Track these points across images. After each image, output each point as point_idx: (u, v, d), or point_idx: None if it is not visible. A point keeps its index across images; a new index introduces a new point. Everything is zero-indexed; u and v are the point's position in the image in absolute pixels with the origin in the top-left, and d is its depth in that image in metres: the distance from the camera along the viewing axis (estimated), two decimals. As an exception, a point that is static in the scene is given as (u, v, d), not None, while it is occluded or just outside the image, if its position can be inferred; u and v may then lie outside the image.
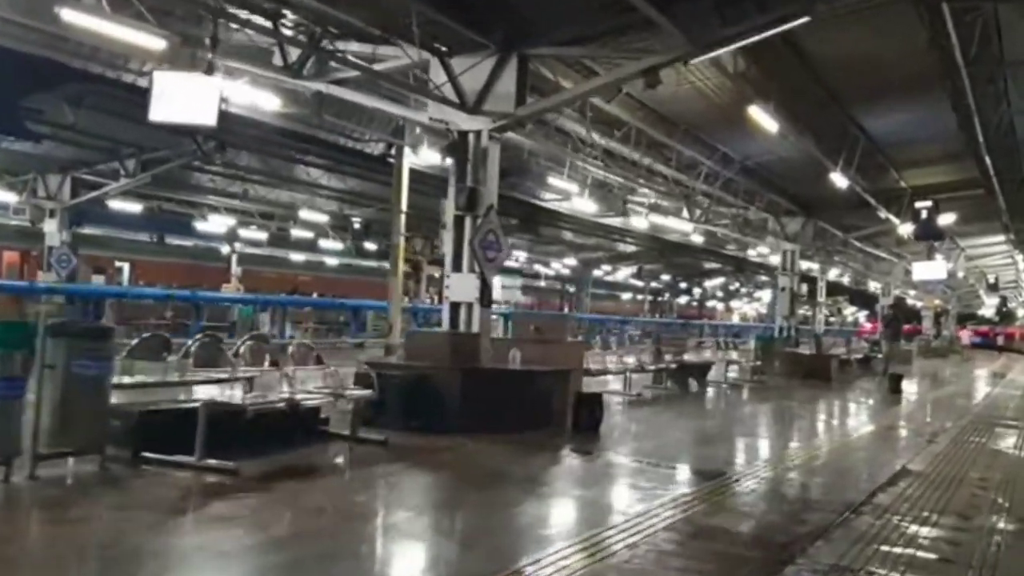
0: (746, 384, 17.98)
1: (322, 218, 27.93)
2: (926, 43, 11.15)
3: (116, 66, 13.15)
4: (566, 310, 58.27)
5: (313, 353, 8.10)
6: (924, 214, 17.54)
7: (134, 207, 26.71)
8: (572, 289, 66.84)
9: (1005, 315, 71.81)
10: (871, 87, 13.20)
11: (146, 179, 21.67)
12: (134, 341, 8.47)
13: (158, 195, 26.16)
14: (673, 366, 15.35)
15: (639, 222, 24.72)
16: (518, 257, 43.82)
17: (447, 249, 10.13)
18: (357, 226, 27.10)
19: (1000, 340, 56.44)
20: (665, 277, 56.91)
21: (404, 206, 16.93)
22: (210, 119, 9.38)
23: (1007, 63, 11.20)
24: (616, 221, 25.77)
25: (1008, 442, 11.42)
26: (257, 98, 12.55)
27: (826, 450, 9.77)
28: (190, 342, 8.62)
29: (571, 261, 43.75)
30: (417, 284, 36.06)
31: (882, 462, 9.07)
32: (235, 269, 27.55)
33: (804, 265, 37.81)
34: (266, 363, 8.15)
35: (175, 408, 6.68)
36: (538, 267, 50.24)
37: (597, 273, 53.19)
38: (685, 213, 22.97)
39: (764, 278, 62.35)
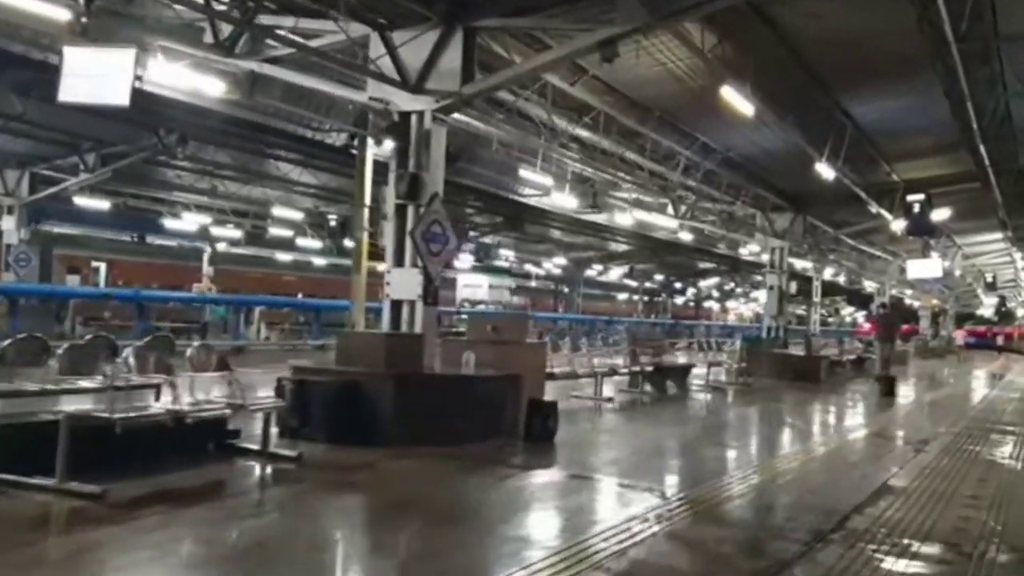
0: (730, 387, 17.11)
1: (297, 215, 27.01)
2: (914, 20, 10.26)
3: (58, 51, 12.26)
4: (560, 310, 57.53)
5: (214, 357, 7.15)
6: (916, 208, 16.63)
7: (101, 204, 25.82)
8: (568, 290, 66.25)
9: (1004, 315, 70.93)
10: (856, 69, 12.31)
11: (106, 174, 20.77)
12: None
13: (123, 191, 25.27)
14: (649, 369, 14.43)
15: (623, 218, 23.84)
16: (508, 257, 43.01)
17: (388, 242, 9.23)
18: (333, 223, 26.15)
19: (1000, 340, 55.49)
20: (659, 277, 55.93)
21: (368, 199, 16.02)
22: (122, 98, 8.46)
23: (1001, 37, 10.30)
24: (600, 218, 24.88)
25: (1004, 451, 10.52)
26: (200, 83, 11.66)
27: (802, 462, 8.86)
28: (136, 344, 7.82)
29: (561, 260, 42.81)
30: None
31: (863, 476, 8.17)
32: (206, 268, 26.59)
33: (799, 264, 37.00)
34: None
35: (37, 422, 5.76)
36: (529, 267, 49.36)
37: (591, 273, 52.36)
38: (670, 209, 22.08)
39: (759, 278, 61.65)
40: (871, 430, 12.10)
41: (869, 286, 37.53)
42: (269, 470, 6.80)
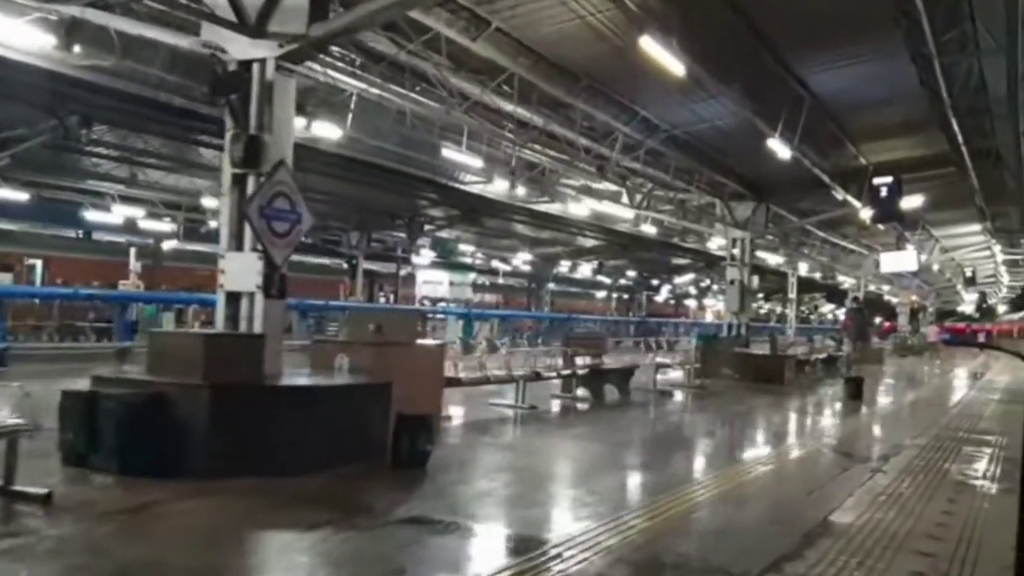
0: (683, 390, 15.52)
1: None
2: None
3: None
4: (533, 309, 55.88)
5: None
6: (884, 192, 15.04)
7: (19, 196, 23.93)
8: (552, 287, 64.45)
9: (985, 311, 69.90)
10: (809, 27, 10.72)
11: (4, 160, 18.91)
12: None
13: (39, 181, 23.38)
14: (584, 371, 12.78)
15: (578, 209, 22.20)
16: (471, 253, 41.29)
17: (222, 220, 7.52)
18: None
19: (981, 337, 54.34)
20: (631, 273, 54.36)
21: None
22: None
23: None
24: (554, 208, 23.24)
25: (977, 468, 8.94)
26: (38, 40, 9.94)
27: (729, 490, 7.22)
28: None
29: (527, 256, 41.13)
30: (353, 280, 33.43)
31: (799, 510, 6.55)
32: (133, 264, 24.74)
33: (772, 260, 35.51)
34: None
35: None
36: (497, 264, 47.62)
37: (566, 270, 50.70)
38: (625, 199, 20.47)
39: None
40: (827, 443, 10.49)
41: (844, 282, 36.00)
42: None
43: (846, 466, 8.90)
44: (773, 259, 34.47)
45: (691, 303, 73.94)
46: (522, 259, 42.49)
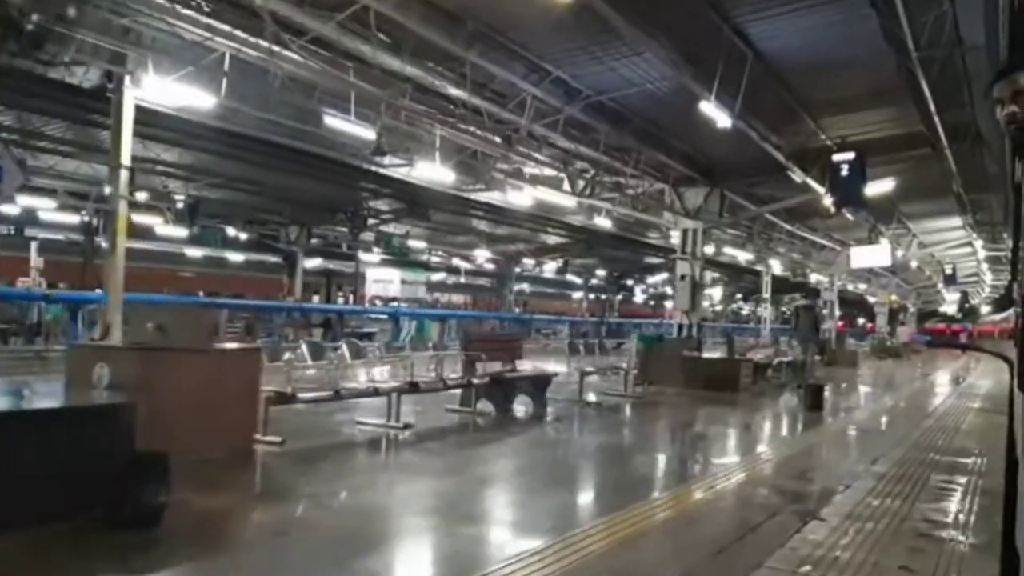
0: (618, 400, 13.45)
1: (139, 195, 22.78)
2: None
3: None
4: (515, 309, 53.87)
5: None
6: (844, 171, 12.95)
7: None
8: (526, 288, 62.41)
9: (968, 312, 68.29)
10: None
11: None
12: None
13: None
14: (483, 381, 10.65)
15: (519, 198, 20.06)
16: (422, 249, 39.07)
17: None
18: (180, 205, 22.07)
19: (963, 338, 52.65)
20: (601, 272, 52.36)
21: (127, 159, 12.12)
22: None
23: None
24: (493, 197, 21.10)
25: (947, 508, 6.90)
26: None
27: (607, 551, 5.12)
28: None
29: (486, 253, 39.01)
30: (292, 279, 31.18)
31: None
32: (35, 260, 22.42)
33: (743, 257, 33.51)
34: None
35: None
36: (459, 262, 45.49)
37: (539, 270, 48.54)
38: (566, 186, 18.37)
39: (714, 274, 58.36)
40: (764, 472, 8.40)
41: (819, 280, 34.01)
42: None
43: (777, 509, 6.80)
44: (743, 256, 32.51)
45: (669, 304, 72.16)
46: (483, 257, 40.33)
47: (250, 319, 25.48)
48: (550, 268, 45.94)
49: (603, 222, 24.67)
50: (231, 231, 29.53)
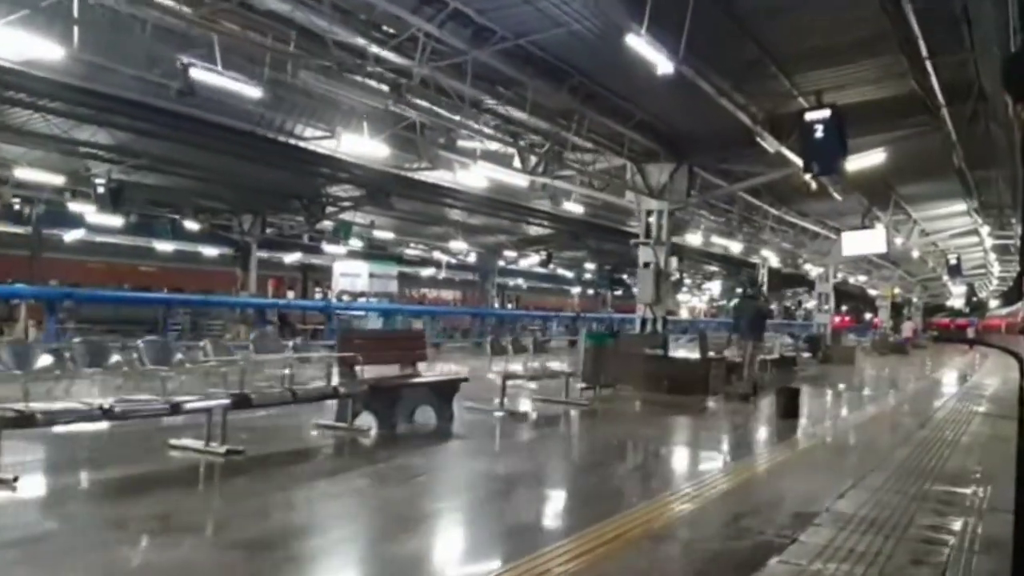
0: (557, 410, 11.35)
1: (56, 179, 20.74)
2: None
3: None
4: (496, 305, 51.81)
5: None
6: (819, 132, 10.71)
7: None
8: (521, 283, 60.28)
9: (975, 306, 65.93)
10: None
11: None
12: None
13: None
14: (360, 389, 8.54)
15: (469, 177, 17.95)
16: (399, 240, 37.01)
17: None
18: (101, 190, 20.00)
19: (970, 332, 50.34)
20: (590, 266, 50.22)
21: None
22: None
23: None
24: (444, 178, 18.99)
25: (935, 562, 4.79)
26: None
27: None
28: None
29: (462, 245, 36.89)
30: (245, 272, 29.11)
31: None
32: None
33: (735, 248, 31.33)
34: None
35: None
36: (440, 255, 43.38)
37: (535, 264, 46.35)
38: (517, 162, 16.26)
39: (713, 268, 56.09)
40: (678, 516, 6.25)
41: (812, 271, 31.73)
42: None
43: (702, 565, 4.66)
44: (734, 246, 30.36)
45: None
46: (460, 249, 38.22)
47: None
48: (534, 261, 43.75)
49: (573, 207, 22.56)
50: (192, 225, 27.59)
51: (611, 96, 12.80)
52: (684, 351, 18.66)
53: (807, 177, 13.51)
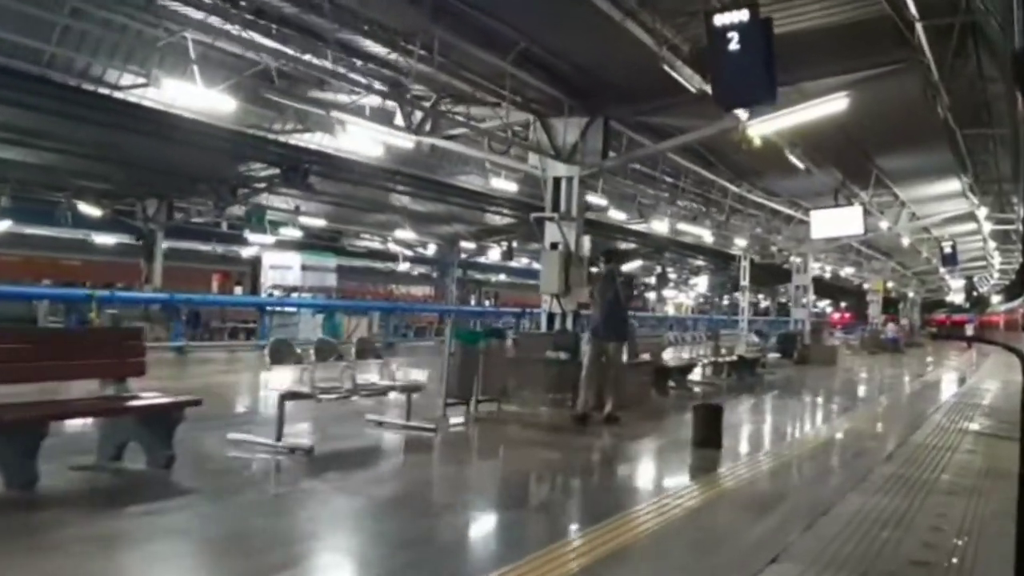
0: (396, 437, 8.24)
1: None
2: None
3: None
4: (473, 302, 48.74)
5: None
6: (734, 43, 7.41)
7: None
8: (503, 278, 57.05)
9: (976, 301, 62.74)
10: None
11: None
12: None
13: None
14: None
15: (355, 143, 14.81)
16: (335, 228, 33.72)
17: None
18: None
19: (969, 330, 47.16)
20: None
21: None
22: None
23: None
24: (324, 143, 15.83)
25: None
26: None
27: None
28: None
29: (410, 235, 33.70)
30: (150, 264, 25.90)
31: None
32: None
33: (706, 236, 28.10)
34: None
35: None
36: (395, 247, 40.06)
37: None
38: (399, 119, 13.11)
39: (699, 262, 52.89)
40: None
41: (787, 261, 28.43)
42: None
43: None
44: (705, 235, 27.18)
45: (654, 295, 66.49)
46: (410, 239, 35.05)
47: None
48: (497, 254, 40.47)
49: (505, 185, 19.41)
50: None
51: (470, 10, 9.56)
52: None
53: (742, 122, 10.32)
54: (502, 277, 58.91)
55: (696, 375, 15.89)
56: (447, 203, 27.18)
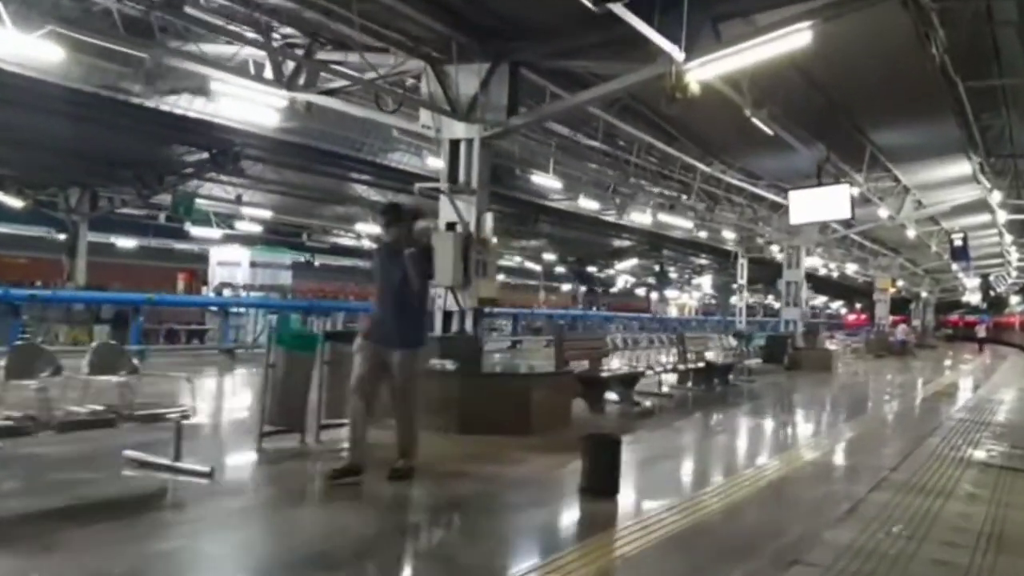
0: (155, 483, 5.77)
1: None
2: None
3: None
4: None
5: None
6: None
7: None
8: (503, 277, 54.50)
9: (993, 302, 59.59)
10: None
11: None
12: None
13: None
14: None
15: (236, 108, 12.35)
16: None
17: None
18: None
19: (980, 331, 44.26)
20: (548, 256, 44.53)
21: None
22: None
23: None
24: (205, 111, 13.38)
25: None
26: None
27: None
28: None
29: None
30: (72, 259, 23.56)
31: None
32: None
33: (687, 226, 25.48)
34: None
35: None
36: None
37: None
38: (268, 71, 10.64)
39: (703, 260, 50.29)
40: None
41: (773, 251, 25.68)
42: None
43: None
44: (686, 225, 24.65)
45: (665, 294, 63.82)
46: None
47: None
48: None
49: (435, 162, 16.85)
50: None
51: None
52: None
53: (676, 62, 7.79)
54: (501, 277, 56.68)
55: (655, 384, 13.37)
56: (381, 188, 24.40)
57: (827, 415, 13.12)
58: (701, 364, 14.62)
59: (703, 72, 8.69)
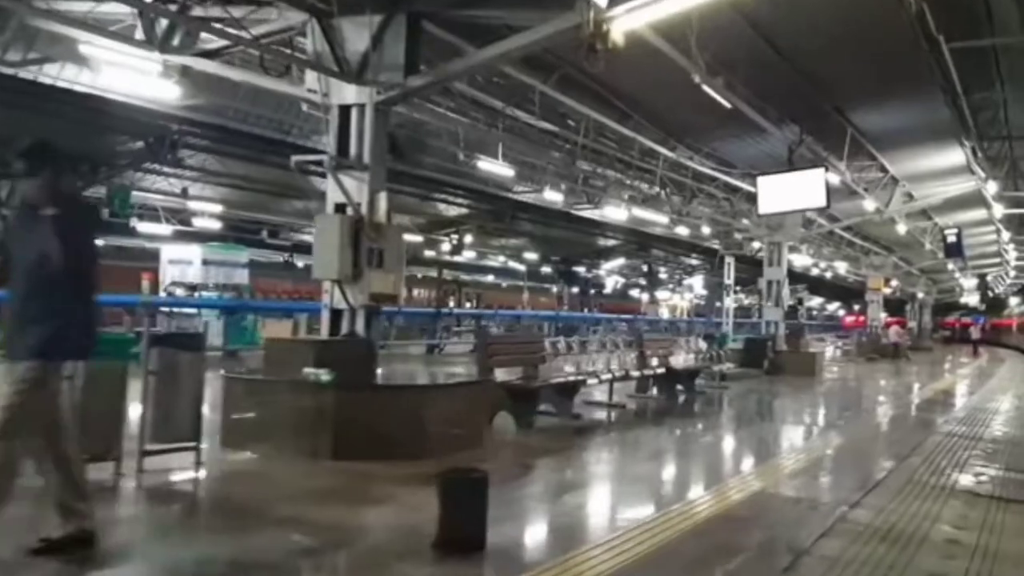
0: None
1: None
2: None
3: None
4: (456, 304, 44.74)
5: None
6: None
7: None
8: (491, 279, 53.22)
9: (992, 303, 58.10)
10: None
11: None
12: None
13: None
14: None
15: (122, 79, 10.82)
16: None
17: None
18: None
19: (975, 332, 42.74)
20: (530, 255, 43.03)
21: None
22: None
23: None
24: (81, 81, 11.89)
25: None
26: None
27: None
28: None
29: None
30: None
31: None
32: None
33: (662, 220, 23.94)
34: None
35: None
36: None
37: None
38: (139, 31, 9.10)
39: (694, 261, 48.77)
40: None
41: (760, 251, 24.13)
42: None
43: None
44: (662, 220, 23.10)
45: (653, 295, 62.26)
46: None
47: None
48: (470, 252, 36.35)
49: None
50: None
51: None
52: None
53: (598, 7, 6.29)
54: (490, 278, 55.16)
55: (607, 393, 11.87)
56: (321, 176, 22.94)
57: (794, 429, 11.59)
58: (661, 370, 13.09)
59: (631, 20, 7.17)
